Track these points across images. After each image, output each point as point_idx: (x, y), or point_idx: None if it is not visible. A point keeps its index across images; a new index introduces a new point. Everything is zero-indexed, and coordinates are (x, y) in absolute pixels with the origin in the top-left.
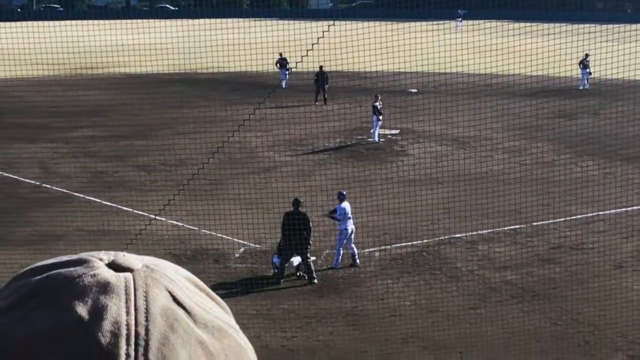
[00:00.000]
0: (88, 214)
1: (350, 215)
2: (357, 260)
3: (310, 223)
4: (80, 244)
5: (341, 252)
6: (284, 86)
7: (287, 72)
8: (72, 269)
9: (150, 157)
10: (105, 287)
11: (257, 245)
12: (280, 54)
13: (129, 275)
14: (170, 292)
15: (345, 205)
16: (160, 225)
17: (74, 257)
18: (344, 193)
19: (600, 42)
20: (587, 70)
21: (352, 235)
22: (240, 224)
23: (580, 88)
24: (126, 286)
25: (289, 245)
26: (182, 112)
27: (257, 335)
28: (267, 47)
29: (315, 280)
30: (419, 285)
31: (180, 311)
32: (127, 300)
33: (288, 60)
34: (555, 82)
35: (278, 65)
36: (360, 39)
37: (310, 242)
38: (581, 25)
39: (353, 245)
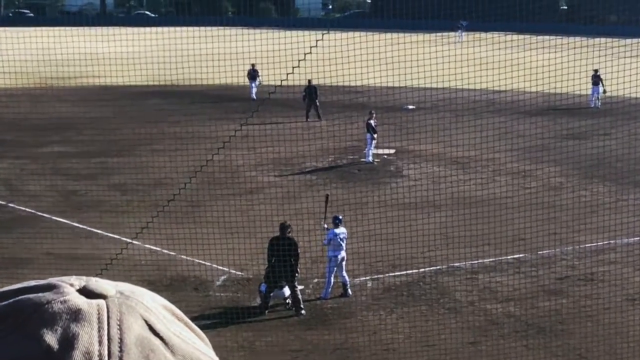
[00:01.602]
0: (57, 237)
1: (343, 241)
2: (349, 291)
3: (298, 249)
4: (48, 270)
5: (332, 282)
6: (254, 97)
7: (256, 85)
8: (40, 294)
9: (125, 176)
10: (76, 315)
11: (239, 273)
12: (252, 65)
13: (102, 302)
14: (146, 321)
15: (340, 230)
16: (136, 250)
17: (42, 282)
18: (340, 218)
19: (612, 58)
20: (598, 87)
21: (344, 262)
22: (222, 249)
23: (592, 106)
24: (99, 314)
25: (275, 273)
26: (160, 127)
27: None
28: (252, 58)
29: (303, 312)
30: (415, 318)
31: (157, 341)
32: (99, 329)
33: (259, 73)
34: (563, 99)
35: (249, 76)
36: (354, 50)
37: (298, 270)
38: (593, 39)
39: (344, 274)
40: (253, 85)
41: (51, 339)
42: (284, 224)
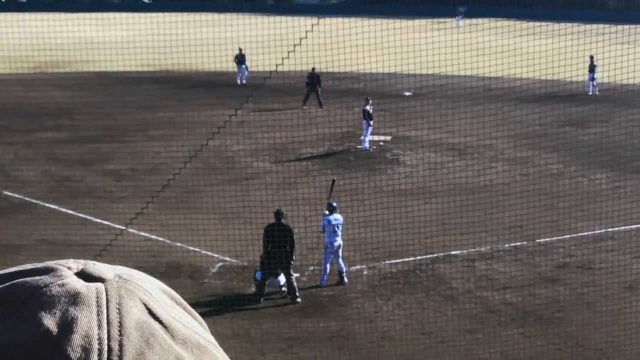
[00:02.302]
0: (51, 224)
1: (339, 228)
2: (345, 279)
3: (294, 236)
4: (42, 257)
5: (327, 269)
6: (239, 83)
7: (245, 68)
8: (38, 277)
9: (120, 162)
10: (74, 298)
11: (235, 261)
12: (240, 49)
13: (100, 285)
14: (145, 305)
15: (334, 217)
16: (131, 238)
17: (39, 265)
18: (334, 204)
19: (610, 43)
20: (592, 74)
21: (340, 250)
22: (218, 237)
23: (590, 94)
24: (98, 297)
25: (270, 260)
26: (155, 114)
27: (234, 358)
28: (247, 43)
29: (299, 299)
30: (412, 306)
31: (157, 325)
32: (99, 313)
33: (247, 57)
34: (562, 87)
35: (236, 60)
36: (350, 37)
37: (294, 257)
38: (592, 25)
39: (341, 262)
40: (240, 70)
41: (50, 322)
42: (279, 211)
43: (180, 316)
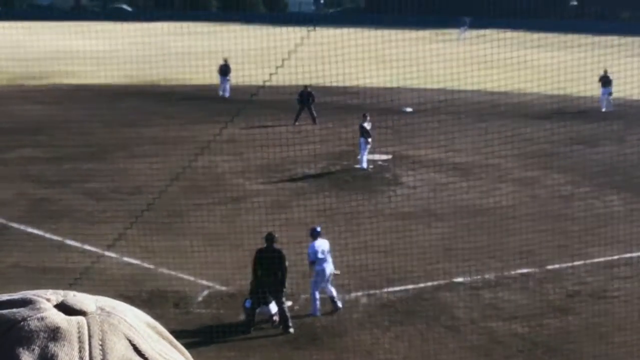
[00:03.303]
0: (26, 248)
1: (327, 254)
2: (338, 303)
3: (286, 262)
4: (16, 283)
5: (317, 297)
6: (221, 95)
7: (228, 80)
8: (15, 310)
9: (101, 182)
10: (54, 333)
11: (223, 288)
12: (225, 60)
13: (82, 319)
14: (130, 341)
15: (321, 243)
16: (111, 263)
17: (16, 296)
18: (318, 229)
19: (625, 56)
20: (609, 89)
21: (331, 277)
22: (205, 262)
23: (603, 110)
24: (79, 332)
25: (261, 287)
26: (137, 130)
27: None
28: (238, 57)
29: (291, 329)
30: (412, 337)
31: None
32: (80, 349)
33: (231, 68)
34: (574, 102)
35: (220, 71)
36: (348, 48)
37: (285, 284)
38: (604, 37)
39: (331, 287)
40: (224, 81)
41: (28, 359)
42: (270, 234)
43: (167, 352)
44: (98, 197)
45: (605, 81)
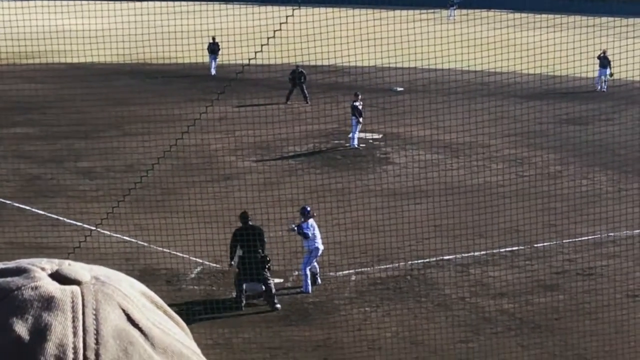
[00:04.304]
0: (20, 225)
1: (316, 230)
2: (319, 279)
3: (264, 237)
4: (9, 260)
5: (308, 274)
6: (213, 73)
7: (216, 58)
8: (9, 279)
9: (93, 160)
10: (48, 303)
11: (215, 265)
12: (213, 38)
13: (76, 289)
14: (124, 310)
15: (312, 222)
16: (104, 240)
17: (10, 264)
18: (309, 209)
19: (620, 38)
20: (606, 70)
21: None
22: (197, 239)
23: (597, 89)
24: (73, 302)
25: (245, 265)
26: (130, 108)
27: None
28: (228, 34)
29: (278, 305)
30: (402, 314)
31: (136, 333)
32: (74, 319)
33: (220, 46)
34: (563, 82)
35: (209, 50)
36: (338, 27)
37: (268, 258)
38: (597, 18)
39: (315, 263)
40: (214, 58)
41: (21, 329)
42: (245, 213)
43: (161, 322)
44: (91, 175)
45: (604, 62)
